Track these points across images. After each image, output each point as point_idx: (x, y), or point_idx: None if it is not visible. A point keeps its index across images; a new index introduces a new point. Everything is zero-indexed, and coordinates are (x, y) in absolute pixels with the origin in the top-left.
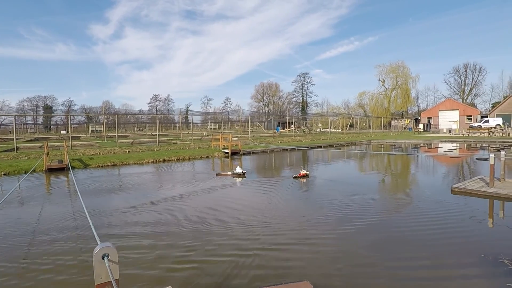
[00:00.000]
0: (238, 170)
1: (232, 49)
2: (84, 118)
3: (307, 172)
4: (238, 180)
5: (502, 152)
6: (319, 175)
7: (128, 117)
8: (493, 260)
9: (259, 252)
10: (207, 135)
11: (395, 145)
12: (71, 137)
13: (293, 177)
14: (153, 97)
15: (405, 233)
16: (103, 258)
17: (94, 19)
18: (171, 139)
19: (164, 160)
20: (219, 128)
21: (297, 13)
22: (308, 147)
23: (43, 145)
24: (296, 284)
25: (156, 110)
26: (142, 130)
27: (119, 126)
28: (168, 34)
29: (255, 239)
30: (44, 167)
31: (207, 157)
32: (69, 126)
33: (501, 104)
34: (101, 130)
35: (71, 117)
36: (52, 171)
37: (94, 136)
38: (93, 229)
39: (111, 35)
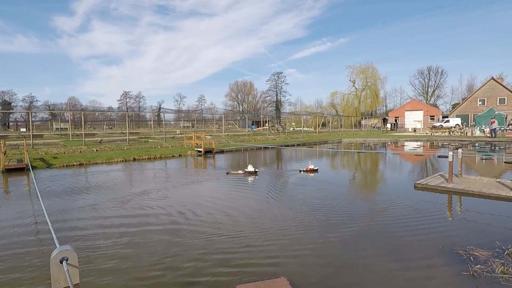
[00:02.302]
0: (250, 168)
1: (206, 47)
2: (47, 115)
3: (316, 168)
4: (250, 178)
5: (460, 150)
6: (293, 173)
7: (96, 114)
8: (450, 251)
9: (237, 253)
10: (180, 134)
11: (364, 143)
12: (33, 135)
13: (299, 170)
14: (123, 94)
15: (373, 229)
16: (61, 262)
17: (57, 10)
18: (142, 138)
19: (134, 159)
20: (193, 127)
21: (271, 12)
22: (282, 146)
23: (0, 143)
24: (272, 281)
25: (127, 108)
26: (111, 128)
27: (86, 124)
28: (139, 29)
29: (232, 238)
30: (1, 167)
31: (180, 155)
32: (30, 123)
33: (460, 105)
34: (67, 128)
35: (33, 113)
36: (10, 171)
37: (58, 134)
38: (53, 232)
39: (77, 28)
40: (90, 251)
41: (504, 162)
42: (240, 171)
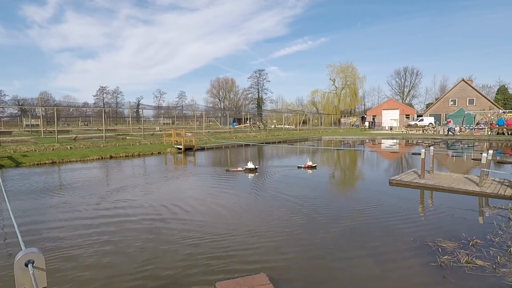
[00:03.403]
0: (250, 165)
1: (187, 42)
2: (17, 111)
3: (315, 164)
4: (250, 175)
5: (431, 148)
6: (271, 169)
7: (71, 110)
8: (420, 243)
9: (215, 248)
10: (160, 131)
11: (343, 141)
12: (0, 131)
13: (298, 166)
14: (99, 89)
15: (349, 224)
16: (26, 265)
17: None
18: (120, 135)
19: (111, 157)
20: (173, 123)
21: (253, 9)
22: (263, 143)
23: None
24: (252, 276)
25: (103, 103)
26: (87, 125)
27: (60, 120)
28: (117, 22)
29: (211, 233)
30: None
31: (159, 153)
32: None
33: (433, 105)
34: (38, 125)
35: (0, 109)
36: None
37: (29, 131)
38: (18, 233)
39: (49, 19)
40: (60, 254)
41: (472, 159)
42: (240, 168)
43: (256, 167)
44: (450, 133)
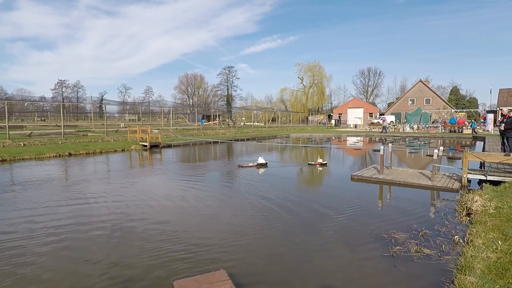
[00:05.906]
0: (261, 160)
1: (154, 36)
2: None
3: (325, 162)
4: (261, 170)
5: (390, 145)
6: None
7: (26, 104)
8: (376, 235)
9: (176, 248)
10: (125, 127)
11: (311, 138)
12: None
13: (308, 163)
14: (58, 82)
15: (309, 217)
16: None
17: None
18: (80, 131)
19: (70, 154)
20: (139, 120)
21: (222, 5)
22: (232, 140)
23: None
24: (211, 274)
25: (63, 98)
26: (44, 120)
27: (12, 115)
28: (76, 12)
29: (171, 231)
30: None
31: (123, 150)
32: None
33: (394, 104)
34: None
35: None
36: None
37: None
38: None
39: None
40: (10, 258)
41: (427, 155)
42: (251, 164)
43: (267, 162)
44: (383, 130)
